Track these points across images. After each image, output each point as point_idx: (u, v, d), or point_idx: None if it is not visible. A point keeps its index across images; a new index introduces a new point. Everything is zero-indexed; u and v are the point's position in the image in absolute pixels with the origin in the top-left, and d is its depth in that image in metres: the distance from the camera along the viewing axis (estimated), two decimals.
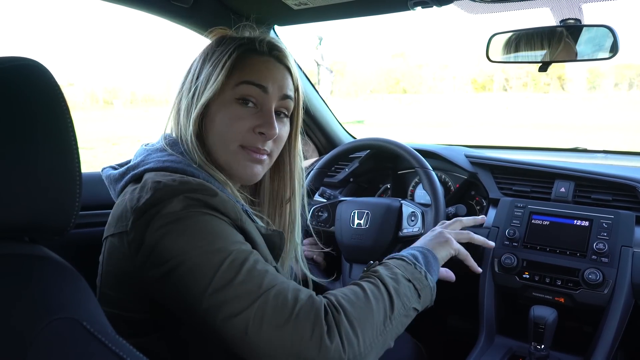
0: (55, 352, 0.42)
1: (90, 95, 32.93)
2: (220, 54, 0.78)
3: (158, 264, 0.62)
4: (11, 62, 0.48)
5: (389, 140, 1.31)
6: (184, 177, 0.67)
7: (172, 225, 0.62)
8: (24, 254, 0.50)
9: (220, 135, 0.77)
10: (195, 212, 0.63)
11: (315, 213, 1.35)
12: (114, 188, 0.76)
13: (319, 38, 14.00)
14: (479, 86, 34.91)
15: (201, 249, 0.61)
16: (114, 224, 0.69)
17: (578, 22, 1.12)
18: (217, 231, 0.64)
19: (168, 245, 0.61)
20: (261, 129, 0.78)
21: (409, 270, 0.77)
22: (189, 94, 0.78)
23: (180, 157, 0.74)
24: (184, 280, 0.61)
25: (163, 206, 0.63)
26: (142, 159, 0.75)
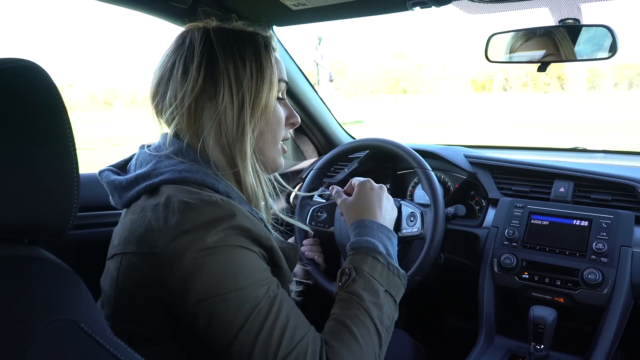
0: (53, 353, 0.42)
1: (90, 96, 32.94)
2: (254, 55, 0.75)
3: (188, 295, 0.62)
4: (8, 64, 0.48)
5: (388, 141, 1.31)
6: (211, 197, 0.66)
7: (206, 258, 0.62)
8: (22, 256, 0.50)
9: (272, 133, 0.80)
10: (228, 246, 0.63)
11: (314, 214, 1.35)
12: (120, 195, 0.73)
13: (318, 38, 14.00)
14: (478, 86, 34.93)
15: (234, 293, 0.62)
16: (135, 242, 0.66)
17: (577, 22, 1.12)
18: (249, 269, 0.65)
19: (200, 280, 0.61)
20: (291, 119, 0.84)
21: (385, 277, 0.79)
22: (233, 100, 0.73)
23: (195, 166, 0.72)
24: (212, 321, 0.62)
25: (197, 236, 0.62)
26: (152, 167, 0.72)
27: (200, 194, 0.66)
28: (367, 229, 0.87)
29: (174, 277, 0.62)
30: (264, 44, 0.78)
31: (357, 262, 0.80)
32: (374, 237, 0.86)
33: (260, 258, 0.68)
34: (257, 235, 0.67)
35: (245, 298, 0.63)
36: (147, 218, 0.65)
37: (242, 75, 0.74)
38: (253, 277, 0.64)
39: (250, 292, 0.63)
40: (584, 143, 1.72)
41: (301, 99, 1.60)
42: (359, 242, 0.85)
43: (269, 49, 0.78)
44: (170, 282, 0.62)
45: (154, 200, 0.67)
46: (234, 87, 0.73)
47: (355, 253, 0.83)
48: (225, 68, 0.73)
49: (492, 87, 33.65)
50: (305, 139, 1.81)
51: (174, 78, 0.74)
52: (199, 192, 0.67)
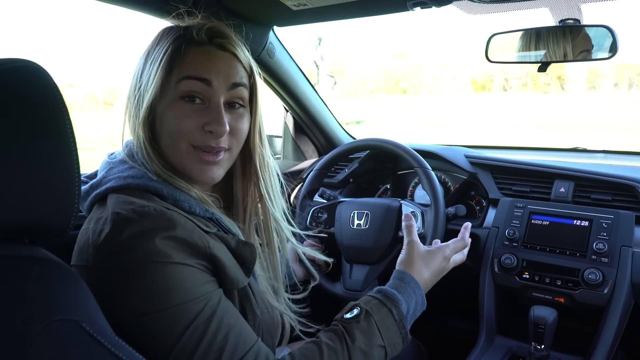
0: (54, 353, 0.42)
1: (90, 96, 32.92)
2: (159, 49, 0.72)
3: (119, 310, 0.60)
4: (10, 64, 0.48)
5: (388, 141, 1.31)
6: (144, 208, 0.63)
7: (135, 274, 0.59)
8: (23, 256, 0.50)
9: (170, 136, 0.72)
10: (159, 263, 0.60)
11: (314, 214, 1.35)
12: (82, 205, 0.72)
13: (318, 39, 13.99)
14: (478, 86, 34.90)
15: (166, 311, 0.60)
16: (77, 254, 0.66)
17: (577, 22, 1.12)
18: (182, 286, 0.62)
19: (130, 296, 0.60)
20: (209, 126, 0.72)
21: (390, 334, 0.76)
22: (134, 97, 0.73)
23: (141, 170, 0.70)
24: (146, 338, 0.60)
25: (126, 250, 0.60)
26: (104, 175, 0.71)
27: (134, 204, 0.63)
28: (403, 284, 0.85)
29: (105, 292, 0.60)
30: (177, 36, 0.73)
31: (372, 306, 0.77)
32: (405, 294, 0.83)
33: (198, 270, 0.64)
34: (194, 245, 0.64)
35: (178, 316, 0.60)
36: (88, 230, 0.65)
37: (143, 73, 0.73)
38: (187, 293, 0.61)
39: (183, 310, 0.61)
40: (584, 143, 1.72)
41: (301, 99, 1.60)
42: (386, 291, 0.82)
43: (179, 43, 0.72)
44: (102, 296, 0.60)
45: (100, 212, 0.66)
46: (136, 85, 0.73)
47: (376, 297, 0.80)
48: (137, 66, 0.75)
49: (492, 87, 33.64)
50: (306, 139, 1.81)
51: None
52: (134, 201, 0.64)
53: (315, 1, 1.10)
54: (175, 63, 0.71)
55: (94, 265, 0.62)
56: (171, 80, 0.71)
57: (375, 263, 1.22)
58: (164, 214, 0.63)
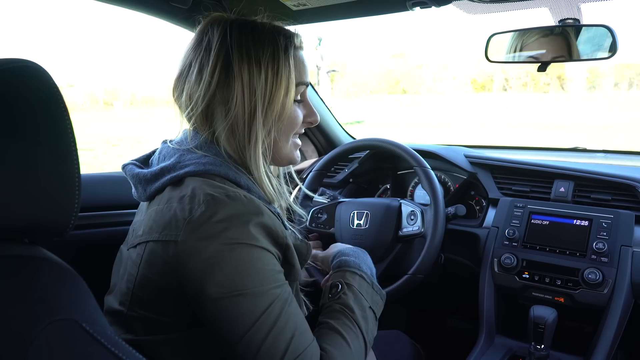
0: (54, 353, 0.42)
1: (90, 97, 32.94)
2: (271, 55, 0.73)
3: (203, 287, 0.63)
4: (10, 64, 0.48)
5: (388, 141, 1.31)
6: (235, 193, 0.67)
7: (226, 253, 0.63)
8: (23, 255, 0.50)
9: (285, 132, 0.79)
10: (248, 245, 0.64)
11: (314, 215, 1.35)
12: (144, 188, 0.74)
13: (318, 39, 14.00)
14: (478, 86, 34.91)
15: (249, 291, 0.63)
16: (159, 230, 0.67)
17: (577, 22, 1.12)
18: (266, 270, 0.66)
19: (218, 273, 0.63)
20: (310, 118, 0.83)
21: (369, 294, 0.84)
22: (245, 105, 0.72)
23: (217, 159, 0.72)
24: (223, 316, 0.63)
25: (220, 229, 0.63)
26: (177, 160, 0.72)
27: (225, 189, 0.67)
28: (350, 255, 0.92)
29: (193, 267, 0.63)
30: (284, 45, 0.75)
31: (347, 278, 0.84)
32: (358, 259, 0.91)
33: (276, 259, 0.69)
34: (276, 233, 0.68)
35: (259, 299, 0.64)
36: (172, 208, 0.66)
37: (256, 81, 0.72)
38: (269, 278, 0.65)
39: (264, 294, 0.64)
40: (584, 143, 1.72)
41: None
42: (346, 262, 0.89)
43: (288, 52, 0.75)
44: (189, 271, 0.63)
45: (180, 192, 0.68)
46: (247, 93, 0.72)
47: (343, 270, 0.86)
48: (240, 73, 0.72)
49: (492, 87, 33.65)
50: (306, 139, 1.81)
51: (189, 78, 0.74)
52: (222, 186, 0.68)
53: (315, 1, 1.10)
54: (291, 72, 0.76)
55: (187, 240, 0.63)
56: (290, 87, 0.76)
57: (375, 263, 1.21)
58: (253, 200, 0.67)
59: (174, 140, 0.78)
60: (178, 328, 0.68)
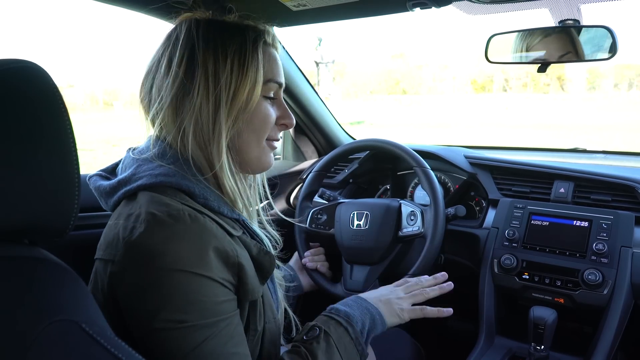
0: (54, 354, 0.42)
1: (90, 97, 32.96)
2: (240, 50, 0.72)
3: (133, 312, 0.61)
4: (10, 65, 0.48)
5: (387, 141, 1.31)
6: (179, 212, 0.63)
7: (160, 280, 0.59)
8: (23, 256, 0.50)
9: (255, 132, 0.75)
10: (187, 272, 0.60)
11: (314, 216, 1.35)
12: (106, 201, 0.73)
13: (318, 39, 14.02)
14: (478, 87, 34.93)
15: (179, 325, 0.60)
16: (103, 248, 0.66)
17: (577, 23, 1.12)
18: (202, 302, 0.61)
19: (149, 301, 0.60)
20: (284, 120, 0.80)
21: (348, 352, 0.77)
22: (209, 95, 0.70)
23: (172, 169, 0.69)
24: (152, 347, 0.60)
25: (156, 252, 0.60)
26: (133, 172, 0.70)
27: (170, 207, 0.63)
28: (357, 303, 0.87)
29: (125, 291, 0.61)
30: (253, 38, 0.74)
31: (328, 326, 0.79)
32: (359, 311, 0.84)
33: (220, 286, 0.64)
34: (224, 254, 0.65)
35: (191, 334, 0.60)
36: (118, 225, 0.64)
37: (220, 71, 0.70)
38: (206, 311, 0.61)
39: (197, 328, 0.60)
40: (583, 143, 1.72)
41: (301, 100, 1.60)
42: (338, 309, 0.83)
43: (257, 45, 0.73)
44: (121, 295, 0.61)
45: (130, 208, 0.66)
46: (211, 83, 0.70)
47: (330, 316, 0.81)
48: (204, 62, 0.70)
49: (492, 88, 33.66)
50: (306, 140, 1.81)
51: (158, 72, 0.73)
52: (168, 203, 0.64)
53: (315, 2, 1.10)
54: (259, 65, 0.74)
55: (122, 261, 0.62)
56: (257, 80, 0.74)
57: (375, 263, 1.22)
58: (197, 220, 0.64)
59: (137, 148, 0.76)
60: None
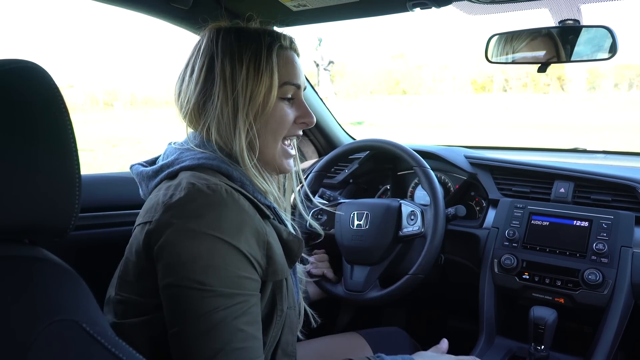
0: (55, 354, 0.42)
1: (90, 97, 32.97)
2: (255, 55, 0.76)
3: (161, 268, 0.65)
4: (10, 65, 0.48)
5: (388, 141, 1.31)
6: (217, 184, 0.68)
7: (190, 240, 0.63)
8: (23, 256, 0.50)
9: (273, 133, 0.79)
10: (217, 238, 0.63)
11: (314, 216, 1.35)
12: (147, 185, 0.77)
13: (318, 39, 14.02)
14: (478, 87, 34.93)
15: (197, 287, 0.62)
16: (143, 214, 0.71)
17: (577, 23, 1.12)
18: (223, 270, 0.64)
19: (176, 258, 0.63)
20: (303, 119, 0.83)
21: None
22: (232, 101, 0.75)
23: (213, 154, 0.75)
24: (168, 302, 0.64)
25: (192, 215, 0.64)
26: (176, 157, 0.76)
27: (209, 180, 0.68)
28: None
29: (159, 245, 0.64)
30: (268, 43, 0.78)
31: None
32: None
33: (245, 260, 0.66)
34: (253, 228, 0.68)
35: (206, 299, 0.62)
36: (159, 195, 0.69)
37: (237, 76, 0.75)
38: (225, 279, 0.64)
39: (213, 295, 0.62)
40: (584, 144, 1.72)
41: None
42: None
43: (271, 50, 0.77)
44: (155, 251, 0.65)
45: (169, 183, 0.71)
46: (229, 88, 0.75)
47: None
48: (222, 68, 0.76)
49: (492, 88, 33.66)
50: (306, 140, 1.81)
51: (185, 78, 0.80)
52: (209, 178, 0.69)
53: (315, 2, 1.10)
54: (274, 69, 0.77)
55: (159, 220, 0.65)
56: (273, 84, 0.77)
57: (376, 263, 1.22)
58: (232, 194, 0.68)
59: (178, 142, 0.82)
60: (152, 310, 0.68)
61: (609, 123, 12.75)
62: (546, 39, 1.16)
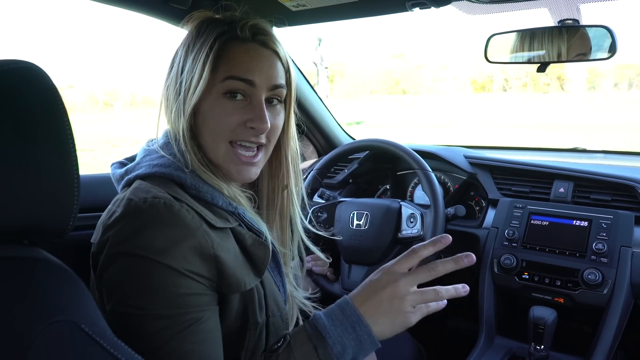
0: (54, 354, 0.42)
1: (90, 97, 32.99)
2: (202, 44, 0.71)
3: (102, 291, 0.64)
4: (9, 65, 0.48)
5: (388, 141, 1.31)
6: (155, 199, 0.63)
7: (126, 264, 0.61)
8: (22, 257, 0.50)
9: (211, 132, 0.72)
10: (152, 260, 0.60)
11: (314, 214, 1.35)
12: (118, 187, 0.75)
13: (318, 39, 14.02)
14: (478, 87, 34.95)
15: (136, 311, 0.61)
16: (95, 231, 0.70)
17: (576, 23, 1.12)
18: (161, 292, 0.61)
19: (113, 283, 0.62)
20: (252, 123, 0.72)
21: None
22: (175, 91, 0.73)
23: (169, 160, 0.70)
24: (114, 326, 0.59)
25: (127, 236, 0.61)
26: (138, 161, 0.73)
27: (149, 194, 0.64)
28: (343, 316, 0.69)
29: (98, 269, 0.64)
30: (219, 32, 0.71)
31: (298, 339, 0.68)
32: (340, 327, 0.68)
33: (185, 278, 0.62)
34: (196, 244, 0.63)
35: (147, 322, 0.60)
36: (105, 210, 0.68)
37: (185, 66, 0.72)
38: (165, 301, 0.61)
39: (153, 317, 0.60)
40: (583, 143, 1.72)
41: (300, 100, 1.60)
42: (318, 322, 0.69)
43: (219, 39, 0.71)
44: (97, 274, 0.65)
45: (122, 193, 0.69)
46: (177, 78, 0.73)
47: (305, 330, 0.69)
48: (175, 57, 0.74)
49: (492, 88, 33.68)
50: (305, 140, 1.81)
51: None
52: (151, 191, 0.65)
53: (314, 2, 1.10)
54: (221, 60, 0.71)
55: (98, 243, 0.65)
56: (216, 77, 0.70)
57: (374, 264, 1.22)
58: (171, 208, 0.63)
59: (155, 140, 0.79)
60: None
61: (609, 123, 12.75)
62: (546, 38, 1.16)
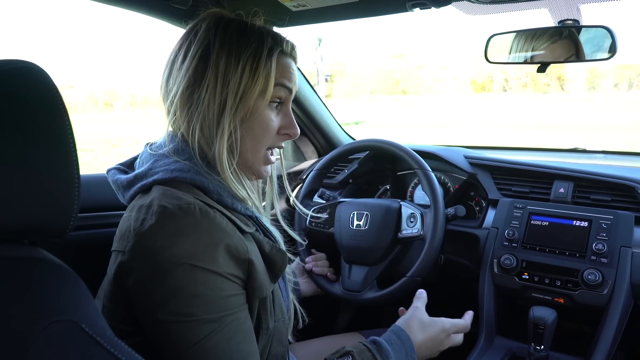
0: (54, 354, 0.42)
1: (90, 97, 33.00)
2: (253, 51, 0.71)
3: (140, 302, 0.63)
4: (9, 65, 0.48)
5: (388, 142, 1.31)
6: (190, 206, 0.63)
7: (168, 272, 0.60)
8: (23, 257, 0.50)
9: (255, 138, 0.74)
10: (192, 265, 0.61)
11: (314, 213, 1.35)
12: (123, 194, 0.74)
13: (318, 39, 14.02)
14: (478, 87, 34.95)
15: (183, 319, 0.60)
16: (117, 239, 0.68)
17: (576, 23, 1.12)
18: (206, 296, 0.62)
19: (155, 292, 0.61)
20: (287, 130, 0.78)
21: None
22: (216, 95, 0.70)
23: (187, 165, 0.70)
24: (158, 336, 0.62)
25: (166, 244, 0.61)
26: (149, 167, 0.71)
27: (182, 200, 0.64)
28: (399, 341, 0.86)
29: (134, 280, 0.62)
30: (270, 46, 0.73)
31: (363, 357, 0.79)
32: (398, 351, 0.83)
33: (227, 280, 0.64)
34: (233, 249, 0.65)
35: (195, 328, 0.61)
36: (131, 217, 0.65)
37: (231, 73, 0.70)
38: (210, 305, 0.62)
39: (200, 323, 0.61)
40: (583, 143, 1.72)
41: (301, 100, 1.60)
42: (380, 343, 0.82)
43: (272, 53, 0.73)
44: (131, 285, 0.63)
45: (144, 200, 0.67)
46: (219, 83, 0.70)
47: (369, 348, 0.81)
48: (217, 61, 0.71)
49: (492, 88, 33.69)
50: (306, 140, 1.81)
51: (175, 63, 0.74)
52: (181, 197, 0.65)
53: (314, 2, 1.10)
54: (271, 73, 0.73)
55: (132, 251, 0.63)
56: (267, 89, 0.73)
57: (374, 264, 1.22)
58: (207, 214, 0.64)
59: (155, 144, 0.77)
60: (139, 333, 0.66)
61: (609, 123, 12.75)
62: (546, 39, 1.16)
